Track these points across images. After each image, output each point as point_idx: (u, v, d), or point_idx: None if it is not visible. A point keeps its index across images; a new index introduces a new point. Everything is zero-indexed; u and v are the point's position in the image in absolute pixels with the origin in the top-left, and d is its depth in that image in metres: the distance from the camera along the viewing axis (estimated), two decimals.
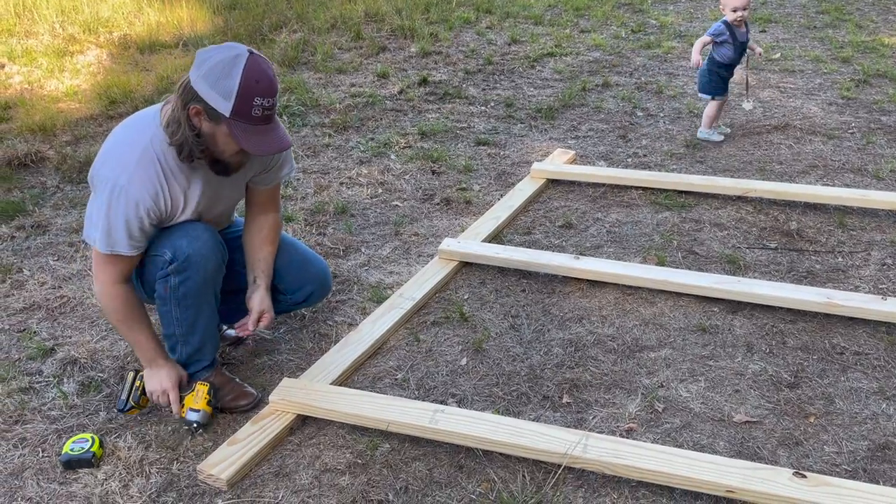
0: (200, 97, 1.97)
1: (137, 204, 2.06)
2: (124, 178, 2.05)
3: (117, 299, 2.17)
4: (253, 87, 1.95)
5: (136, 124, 2.16)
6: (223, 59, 1.95)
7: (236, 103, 1.95)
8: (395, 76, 5.61)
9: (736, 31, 4.11)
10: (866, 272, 3.02)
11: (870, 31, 6.30)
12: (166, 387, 2.23)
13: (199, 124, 2.03)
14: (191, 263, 2.16)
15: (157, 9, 7.08)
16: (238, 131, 1.99)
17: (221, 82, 1.94)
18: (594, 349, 2.63)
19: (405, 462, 2.16)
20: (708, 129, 4.34)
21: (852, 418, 2.28)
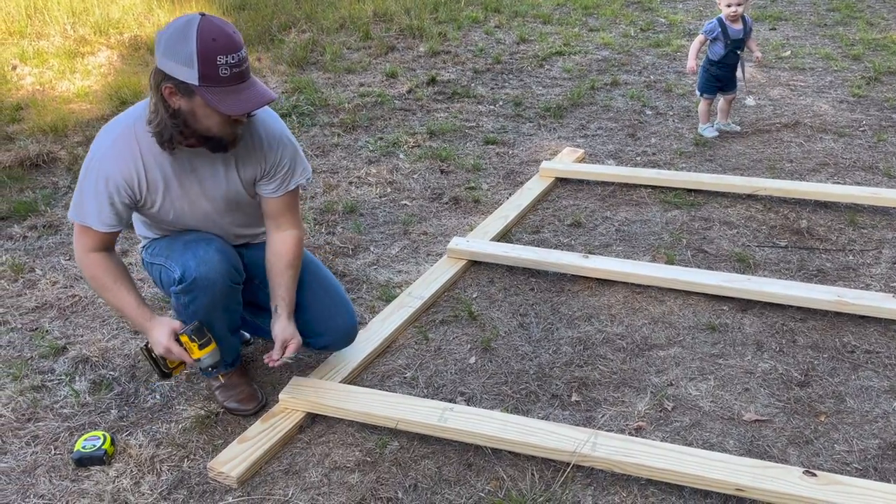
0: (167, 74, 1.92)
1: (107, 179, 2.07)
2: (100, 153, 2.08)
3: (92, 267, 2.16)
4: (212, 45, 1.86)
5: (125, 112, 2.17)
6: (176, 29, 1.89)
7: (200, 68, 1.87)
8: (403, 76, 5.62)
9: (728, 28, 4.06)
10: (877, 270, 3.00)
11: (881, 28, 6.26)
12: (166, 345, 2.15)
13: (175, 104, 1.97)
14: (197, 286, 2.15)
15: (166, 10, 7.11)
16: (211, 96, 1.91)
17: (179, 50, 1.87)
18: (603, 348, 2.63)
19: (414, 460, 2.17)
20: (702, 125, 4.37)
21: (863, 417, 2.26)
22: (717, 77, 4.19)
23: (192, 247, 2.18)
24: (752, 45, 4.21)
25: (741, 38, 4.11)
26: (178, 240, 2.25)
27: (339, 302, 2.42)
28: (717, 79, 4.20)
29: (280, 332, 2.26)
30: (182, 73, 1.89)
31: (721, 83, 4.22)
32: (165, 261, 2.25)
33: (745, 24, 4.11)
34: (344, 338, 2.46)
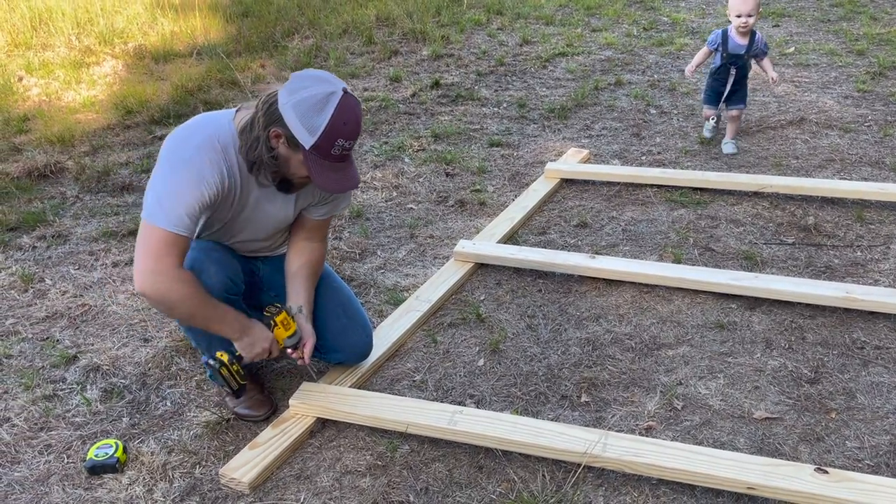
0: (285, 123, 1.97)
1: (198, 179, 2.00)
2: (188, 152, 2.02)
3: (187, 284, 2.01)
4: (339, 128, 1.95)
5: (205, 117, 2.16)
6: (317, 95, 1.94)
7: (319, 140, 1.95)
8: (407, 79, 5.63)
9: (729, 41, 3.90)
10: (885, 266, 2.99)
11: (885, 23, 6.24)
12: (266, 346, 2.20)
13: (276, 146, 2.04)
14: None
15: (170, 19, 7.15)
16: (313, 164, 2.00)
17: (311, 117, 1.93)
18: (612, 348, 2.63)
19: (425, 463, 2.17)
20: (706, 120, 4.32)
21: (874, 413, 2.26)
22: (714, 89, 4.07)
23: (190, 258, 2.15)
24: (765, 66, 4.02)
25: (741, 54, 3.92)
26: None
27: (357, 319, 2.45)
28: (714, 90, 4.08)
29: (308, 335, 2.30)
30: (301, 133, 1.96)
31: (719, 96, 4.07)
32: None
33: (752, 42, 3.90)
34: (360, 355, 2.49)
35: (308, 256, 2.37)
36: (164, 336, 2.79)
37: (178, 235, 1.98)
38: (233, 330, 2.16)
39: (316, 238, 2.41)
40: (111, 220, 3.68)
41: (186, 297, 2.02)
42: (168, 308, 2.05)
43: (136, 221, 3.60)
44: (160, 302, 2.01)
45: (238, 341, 2.18)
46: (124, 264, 3.29)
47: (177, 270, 2.00)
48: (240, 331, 2.16)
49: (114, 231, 3.55)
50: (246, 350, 2.19)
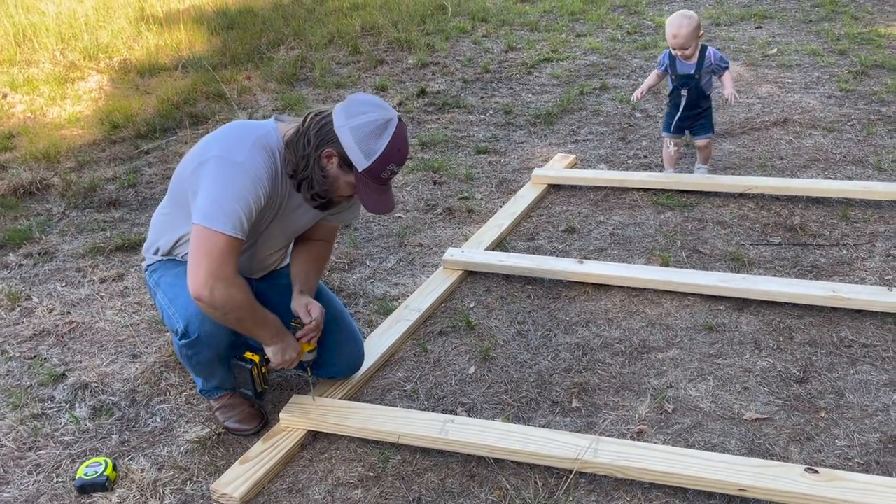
0: (341, 145, 2.01)
1: (255, 182, 2.00)
2: (241, 156, 2.02)
3: (243, 289, 2.03)
4: (393, 154, 2.02)
5: (246, 123, 2.17)
6: (376, 121, 2.00)
7: (374, 164, 2.01)
8: (393, 88, 5.64)
9: (677, 62, 3.57)
10: (871, 264, 3.01)
11: (866, 22, 6.30)
12: (295, 356, 2.23)
13: (328, 167, 2.06)
14: (201, 342, 2.16)
15: (155, 32, 7.14)
16: (363, 187, 2.06)
17: (369, 142, 1.99)
18: (602, 352, 2.63)
19: (417, 473, 2.17)
20: (666, 168, 3.90)
21: (863, 411, 2.27)
22: (671, 115, 3.73)
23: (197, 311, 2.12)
24: (724, 81, 3.62)
25: (691, 74, 3.56)
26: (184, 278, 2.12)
27: (349, 333, 2.46)
28: (672, 116, 3.72)
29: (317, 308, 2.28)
30: (356, 156, 2.01)
31: (680, 122, 3.72)
32: (170, 303, 2.21)
33: (701, 60, 3.54)
34: (352, 368, 2.50)
35: (317, 252, 2.41)
36: (153, 352, 2.77)
37: (237, 239, 1.99)
38: (271, 334, 2.17)
39: (328, 239, 2.46)
40: (98, 235, 3.67)
41: (240, 303, 2.03)
42: (222, 314, 2.03)
43: (123, 237, 3.59)
44: (216, 308, 2.00)
45: (271, 346, 2.18)
46: (112, 280, 3.27)
47: (235, 277, 2.01)
48: (276, 336, 2.18)
49: (101, 247, 3.53)
50: (277, 355, 2.20)
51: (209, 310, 2.01)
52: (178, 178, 2.17)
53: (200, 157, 2.08)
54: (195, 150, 2.14)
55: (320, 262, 2.43)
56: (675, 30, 3.44)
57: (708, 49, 3.56)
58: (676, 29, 3.44)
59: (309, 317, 2.25)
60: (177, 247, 2.28)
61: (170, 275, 2.26)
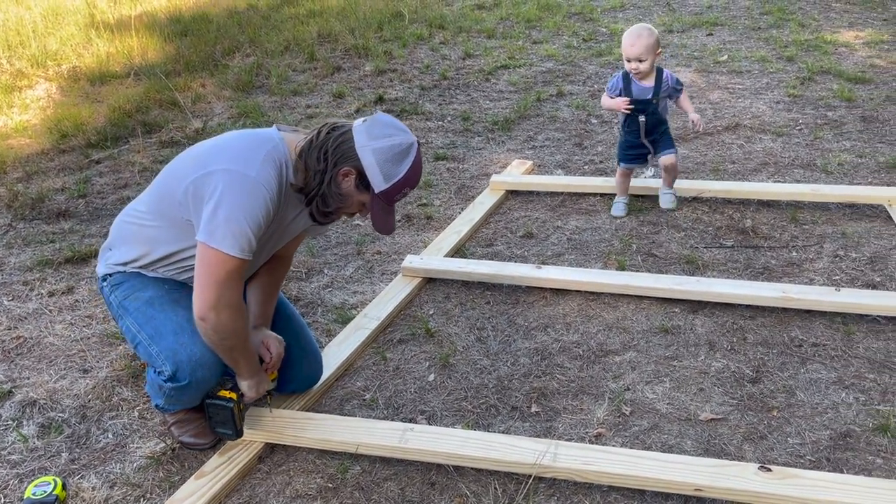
0: (362, 165, 1.99)
1: (268, 200, 1.94)
2: (253, 170, 1.94)
3: (245, 318, 2.03)
4: (410, 178, 2.04)
5: (252, 132, 2.11)
6: (400, 145, 2.00)
7: (391, 187, 2.01)
8: (351, 95, 5.62)
9: (633, 86, 3.33)
10: (820, 265, 3.09)
11: (812, 29, 6.48)
12: (265, 390, 2.21)
13: (344, 185, 2.03)
14: (191, 387, 2.10)
15: (106, 39, 7.00)
16: (375, 207, 2.06)
17: (391, 167, 1.99)
18: (560, 356, 2.65)
19: (377, 483, 2.15)
20: (617, 197, 3.63)
21: (813, 409, 2.32)
22: (630, 144, 3.48)
23: (182, 336, 2.05)
24: (684, 105, 3.46)
25: (648, 98, 3.32)
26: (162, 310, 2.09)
27: (309, 350, 2.43)
28: (631, 146, 3.48)
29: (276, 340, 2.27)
30: (376, 178, 2.00)
31: (638, 150, 3.48)
32: (150, 341, 2.09)
33: (659, 83, 3.33)
34: (310, 383, 2.47)
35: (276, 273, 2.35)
36: (105, 366, 2.70)
37: (245, 261, 1.94)
38: (251, 368, 2.14)
39: (290, 253, 2.41)
40: (47, 248, 3.57)
41: (240, 331, 2.01)
42: (220, 338, 1.98)
43: (73, 249, 3.50)
44: (217, 332, 1.96)
45: (249, 379, 2.15)
46: (61, 293, 3.19)
47: (240, 302, 1.99)
48: (255, 369, 2.15)
49: (49, 259, 3.44)
50: (251, 390, 2.17)
51: (210, 333, 1.96)
52: (168, 188, 2.04)
53: (204, 166, 1.96)
54: (193, 158, 2.03)
55: (276, 287, 2.36)
56: (634, 39, 3.25)
57: (664, 71, 3.37)
58: (635, 38, 3.25)
59: (269, 353, 2.23)
60: (163, 264, 2.15)
61: (140, 302, 2.13)
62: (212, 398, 2.15)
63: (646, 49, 3.22)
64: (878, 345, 2.58)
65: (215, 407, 2.15)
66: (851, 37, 6.17)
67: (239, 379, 2.15)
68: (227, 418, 2.15)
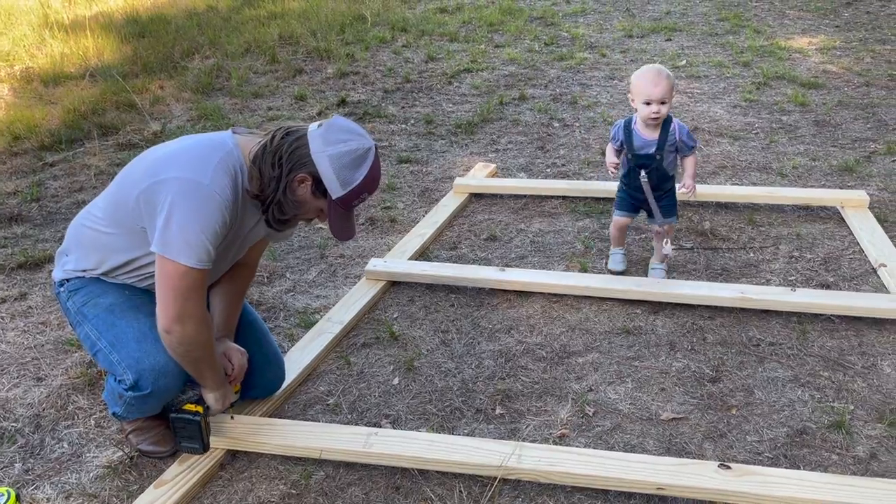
0: (317, 171, 1.94)
1: (222, 208, 1.90)
2: (206, 178, 1.89)
3: (209, 327, 1.98)
4: (369, 184, 1.99)
5: (204, 138, 2.05)
6: (357, 151, 1.95)
7: (348, 193, 1.97)
8: (313, 98, 5.58)
9: (634, 137, 2.83)
10: (776, 265, 3.16)
11: (767, 35, 6.63)
12: (230, 401, 2.20)
13: (299, 192, 1.99)
14: (153, 396, 2.07)
15: (60, 39, 6.84)
16: (333, 213, 2.02)
17: (348, 173, 1.95)
18: (524, 358, 2.66)
19: (341, 488, 2.13)
20: (613, 248, 3.19)
21: (771, 407, 2.37)
22: (632, 196, 3.00)
23: (145, 344, 2.02)
24: (686, 166, 2.92)
25: (651, 154, 2.82)
26: (123, 317, 2.05)
27: (271, 356, 2.40)
28: (630, 197, 3.01)
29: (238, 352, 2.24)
30: (332, 184, 1.96)
31: (637, 202, 3.01)
32: (111, 348, 2.05)
33: (665, 135, 2.80)
34: (272, 390, 2.44)
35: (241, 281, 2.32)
36: (60, 374, 2.64)
37: (204, 272, 1.91)
38: (217, 380, 2.11)
39: (255, 260, 2.37)
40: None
41: (205, 342, 1.98)
42: (185, 350, 1.96)
43: (26, 254, 3.41)
44: (182, 345, 1.93)
45: (214, 392, 2.12)
46: (14, 300, 3.10)
47: (204, 313, 1.96)
48: (221, 381, 2.13)
49: (1, 265, 3.34)
50: (217, 403, 2.15)
51: (176, 346, 1.93)
52: (122, 195, 2.00)
53: (155, 174, 1.92)
54: (142, 167, 1.99)
55: (240, 296, 2.33)
56: (655, 77, 2.71)
57: (673, 121, 2.82)
58: (655, 76, 2.71)
59: (231, 365, 2.20)
60: (121, 272, 2.11)
61: (100, 308, 2.08)
62: (177, 412, 2.10)
63: (669, 89, 2.72)
64: (831, 343, 2.65)
65: (182, 421, 2.10)
66: (805, 43, 6.33)
67: (204, 391, 2.13)
68: (194, 433, 2.11)
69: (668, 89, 2.71)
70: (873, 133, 4.46)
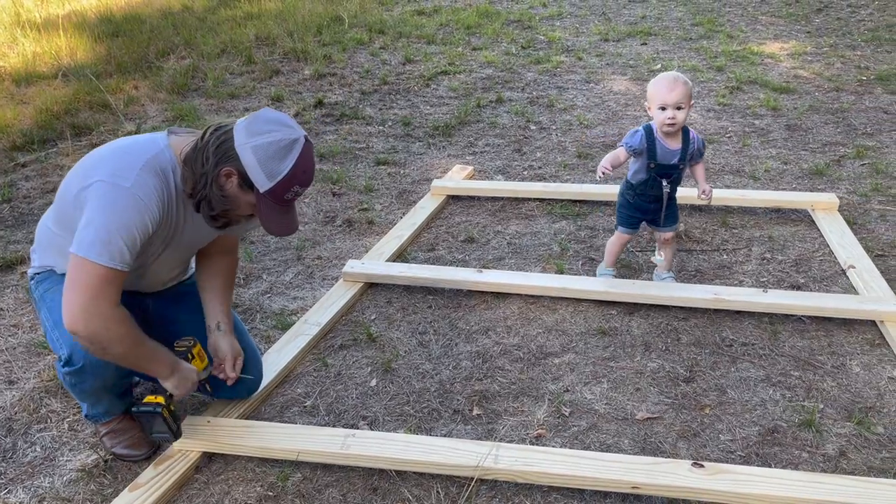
0: (241, 164, 1.91)
1: (142, 210, 1.88)
2: (128, 181, 1.88)
3: (124, 323, 1.90)
4: (298, 176, 1.93)
5: (135, 140, 2.03)
6: (281, 141, 1.90)
7: (276, 186, 1.92)
8: (289, 99, 5.56)
9: (658, 146, 2.77)
10: (748, 267, 3.21)
11: (740, 40, 6.73)
12: (195, 381, 2.13)
13: (227, 187, 1.96)
14: (85, 371, 2.05)
15: (32, 38, 6.74)
16: (264, 208, 1.96)
17: (272, 163, 1.90)
18: (501, 359, 2.67)
19: (318, 490, 2.13)
20: (606, 267, 3.13)
21: (743, 406, 2.41)
22: (638, 208, 2.94)
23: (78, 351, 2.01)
24: (698, 174, 2.91)
25: (674, 163, 2.79)
26: None
27: (249, 356, 2.38)
28: (638, 209, 2.94)
29: (229, 348, 2.24)
30: (258, 177, 1.91)
31: (645, 215, 2.97)
32: (54, 326, 2.06)
33: (687, 144, 2.79)
34: (249, 391, 2.43)
35: (222, 269, 2.32)
36: (32, 377, 2.60)
37: (117, 272, 1.86)
38: (164, 368, 2.05)
39: (230, 252, 2.36)
40: None
41: (121, 336, 1.90)
42: (101, 348, 1.90)
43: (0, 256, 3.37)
44: (93, 342, 1.88)
45: (169, 379, 2.06)
46: None
47: (113, 309, 1.87)
48: (171, 368, 2.06)
49: None
50: (179, 388, 2.08)
51: (87, 344, 1.89)
52: (63, 199, 2.02)
53: (84, 179, 1.93)
54: (80, 170, 1.99)
55: (229, 286, 2.33)
56: (671, 83, 2.69)
57: (691, 131, 2.82)
58: (672, 82, 2.69)
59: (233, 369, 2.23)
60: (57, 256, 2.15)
61: (56, 291, 2.09)
62: (137, 407, 2.07)
63: (686, 95, 2.68)
64: (802, 343, 2.70)
65: (144, 415, 2.07)
66: (777, 48, 6.44)
67: (160, 380, 2.08)
68: (159, 423, 2.08)
69: (684, 95, 2.68)
70: (843, 137, 4.55)
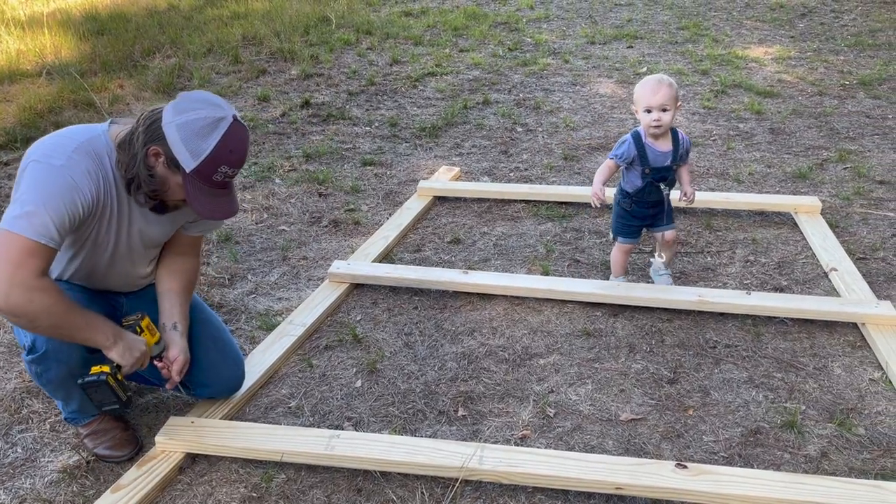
0: (167, 143, 1.89)
1: (71, 188, 1.86)
2: (60, 160, 1.87)
3: (50, 294, 1.83)
4: (225, 155, 1.91)
5: (77, 127, 2.01)
6: (206, 119, 1.88)
7: (201, 165, 1.90)
8: (276, 99, 5.54)
9: (648, 150, 2.78)
10: (732, 269, 3.23)
11: (725, 44, 6.78)
12: (143, 350, 2.06)
13: (155, 167, 1.94)
14: (48, 357, 2.03)
15: (16, 36, 6.68)
16: (192, 188, 1.93)
17: (196, 141, 1.88)
18: (486, 360, 2.68)
19: (302, 491, 2.12)
20: (614, 278, 3.12)
21: (726, 407, 2.43)
22: (636, 215, 2.95)
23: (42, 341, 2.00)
24: (683, 176, 2.93)
25: (667, 165, 2.81)
26: None
27: (228, 353, 2.37)
28: (636, 217, 2.95)
29: (181, 351, 2.20)
30: (182, 155, 1.89)
31: (644, 221, 2.98)
32: None
33: (676, 145, 2.81)
34: (231, 389, 2.41)
35: (182, 271, 2.30)
36: (13, 377, 2.58)
37: (41, 245, 1.82)
38: (105, 337, 1.98)
39: (190, 253, 2.34)
40: None
41: (48, 306, 1.84)
42: (29, 321, 1.85)
43: None
44: (18, 315, 1.83)
45: (113, 349, 1.99)
46: None
47: (36, 280, 1.81)
48: (113, 337, 1.99)
49: None
50: (124, 357, 2.01)
51: (12, 318, 1.86)
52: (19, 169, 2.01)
53: (23, 163, 1.93)
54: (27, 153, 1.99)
55: (188, 290, 2.30)
56: (655, 85, 2.71)
57: (679, 132, 2.86)
58: (656, 84, 2.71)
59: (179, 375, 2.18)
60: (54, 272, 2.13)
61: None
62: (83, 378, 2.01)
63: (671, 97, 2.70)
64: (784, 345, 2.72)
65: (90, 385, 2.00)
66: (761, 52, 6.49)
67: (104, 351, 2.01)
68: (105, 392, 2.01)
69: (669, 97, 2.70)
70: (826, 141, 4.60)
